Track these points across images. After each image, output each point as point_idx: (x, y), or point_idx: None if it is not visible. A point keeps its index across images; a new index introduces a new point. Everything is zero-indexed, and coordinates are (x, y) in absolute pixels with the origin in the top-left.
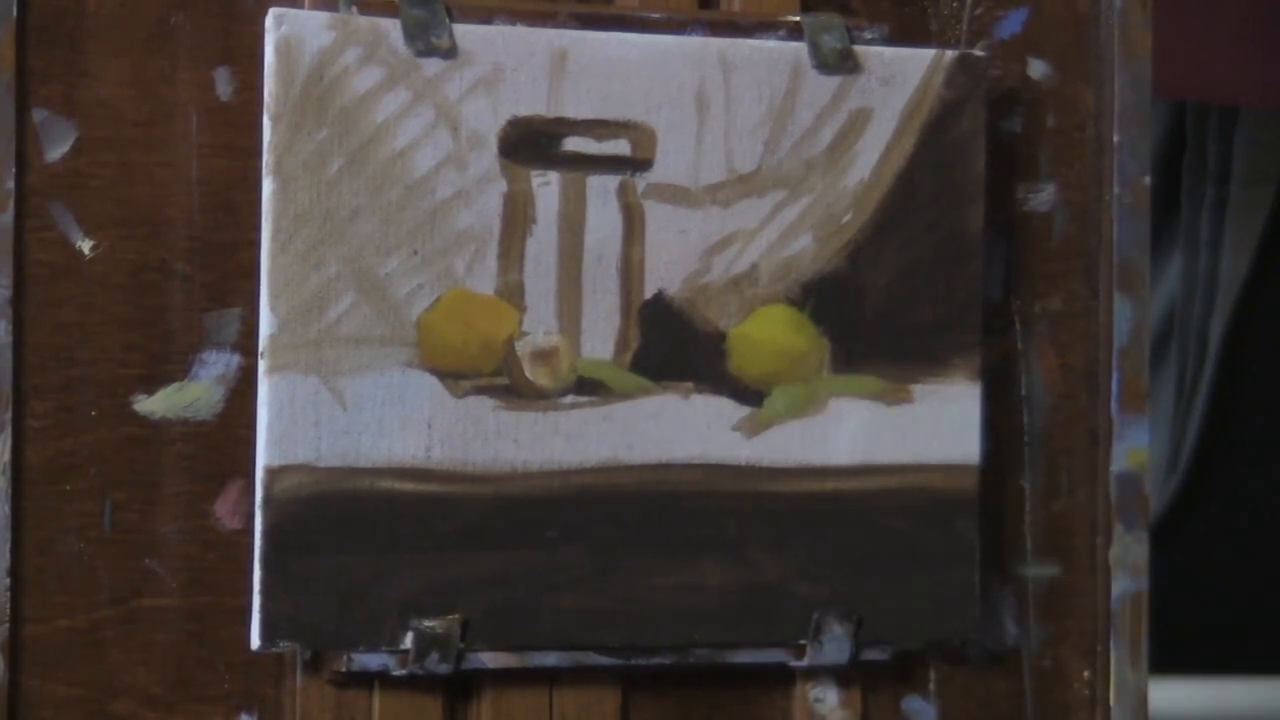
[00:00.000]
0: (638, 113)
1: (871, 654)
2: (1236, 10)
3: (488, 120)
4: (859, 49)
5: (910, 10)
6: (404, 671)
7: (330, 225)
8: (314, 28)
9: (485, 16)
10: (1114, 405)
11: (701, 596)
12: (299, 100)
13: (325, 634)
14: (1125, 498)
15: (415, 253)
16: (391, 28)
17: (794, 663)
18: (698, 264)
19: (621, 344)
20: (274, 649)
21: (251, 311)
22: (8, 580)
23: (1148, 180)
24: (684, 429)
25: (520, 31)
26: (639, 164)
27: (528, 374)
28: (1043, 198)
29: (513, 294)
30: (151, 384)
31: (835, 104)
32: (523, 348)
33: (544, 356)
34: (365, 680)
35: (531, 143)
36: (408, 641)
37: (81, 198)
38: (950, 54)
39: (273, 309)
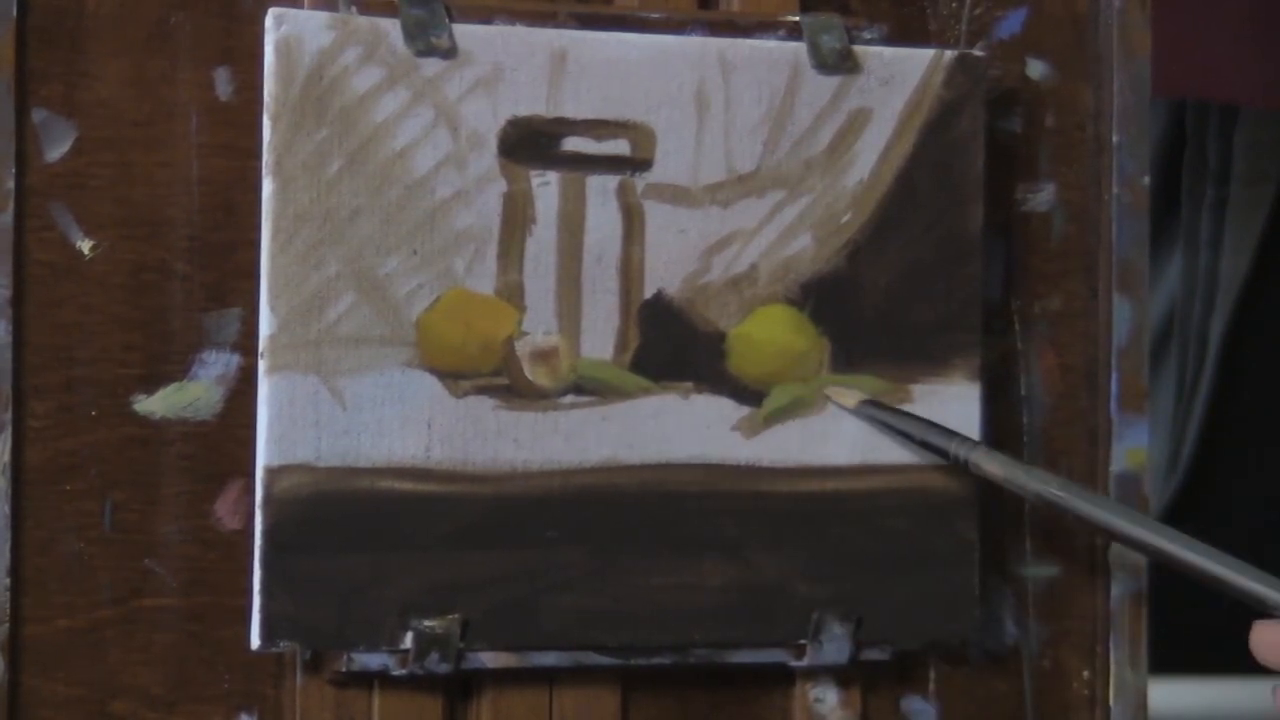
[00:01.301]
0: (637, 113)
1: (871, 654)
2: (1236, 10)
3: (487, 120)
4: (858, 49)
5: (909, 10)
6: (404, 671)
7: (330, 225)
8: (314, 28)
9: (485, 16)
10: (1113, 405)
11: (701, 596)
12: (299, 100)
13: (325, 634)
14: (1125, 498)
15: (415, 253)
16: (391, 28)
17: (794, 663)
18: (697, 264)
19: (621, 344)
20: (274, 649)
21: (251, 311)
22: (8, 580)
23: (1147, 180)
24: (684, 429)
25: (520, 31)
26: (638, 164)
27: (527, 374)
28: (1042, 198)
29: (512, 294)
30: (151, 384)
31: (834, 104)
32: (522, 348)
33: (544, 356)
34: (365, 680)
35: (531, 143)
36: (408, 641)
37: (81, 198)
38: (949, 54)
39: (273, 309)
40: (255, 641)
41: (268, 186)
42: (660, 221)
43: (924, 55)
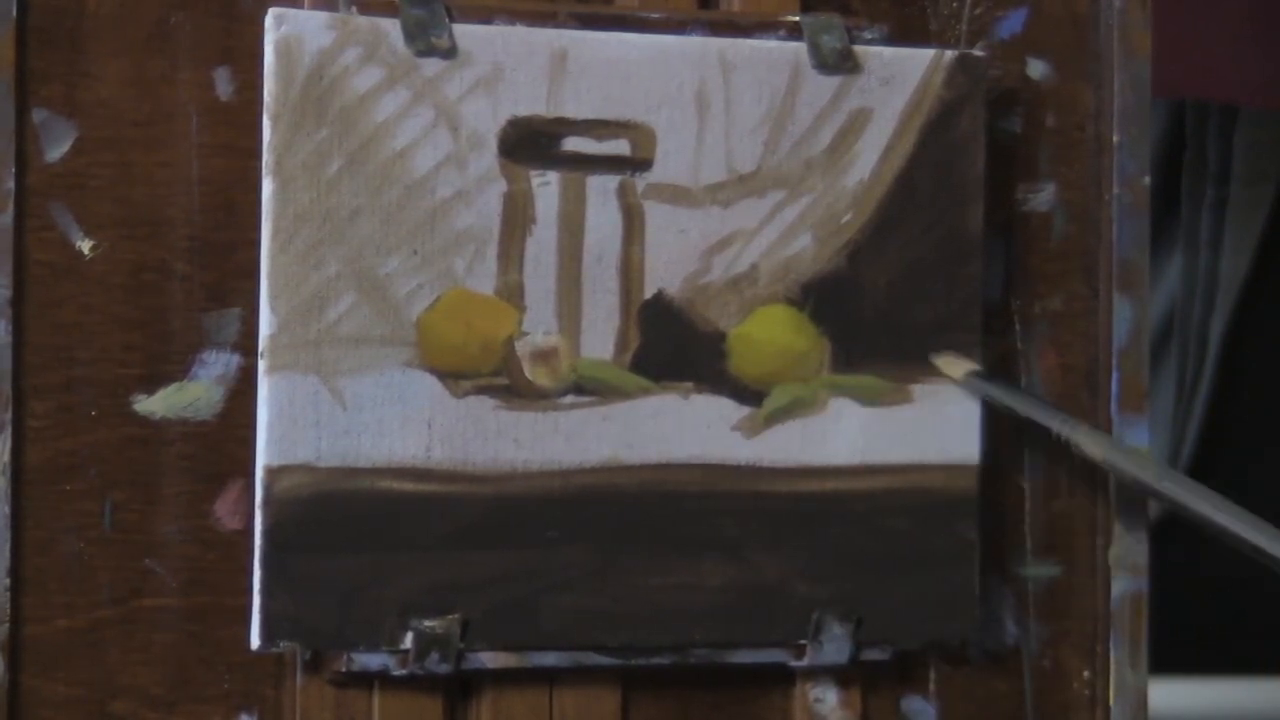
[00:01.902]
0: (638, 113)
1: (871, 654)
2: (1236, 10)
3: (487, 120)
4: (859, 49)
5: (910, 10)
6: (404, 671)
7: (330, 225)
8: (314, 28)
9: (485, 16)
10: (1114, 405)
11: (701, 596)
12: (299, 100)
13: (325, 634)
14: (1125, 498)
15: (415, 253)
16: (391, 28)
17: (794, 663)
18: (698, 264)
19: (621, 344)
20: (274, 649)
21: (251, 311)
22: (8, 580)
23: (1148, 180)
24: (684, 429)
25: (520, 31)
26: (639, 164)
27: (528, 374)
28: (1042, 197)
29: (513, 294)
30: (151, 384)
31: (835, 104)
32: (523, 348)
33: (544, 356)
34: (365, 680)
35: (531, 143)
36: (408, 641)
37: (81, 198)
38: (950, 54)
39: (273, 309)
40: (255, 641)
41: (268, 186)
42: (660, 221)
43: (924, 55)
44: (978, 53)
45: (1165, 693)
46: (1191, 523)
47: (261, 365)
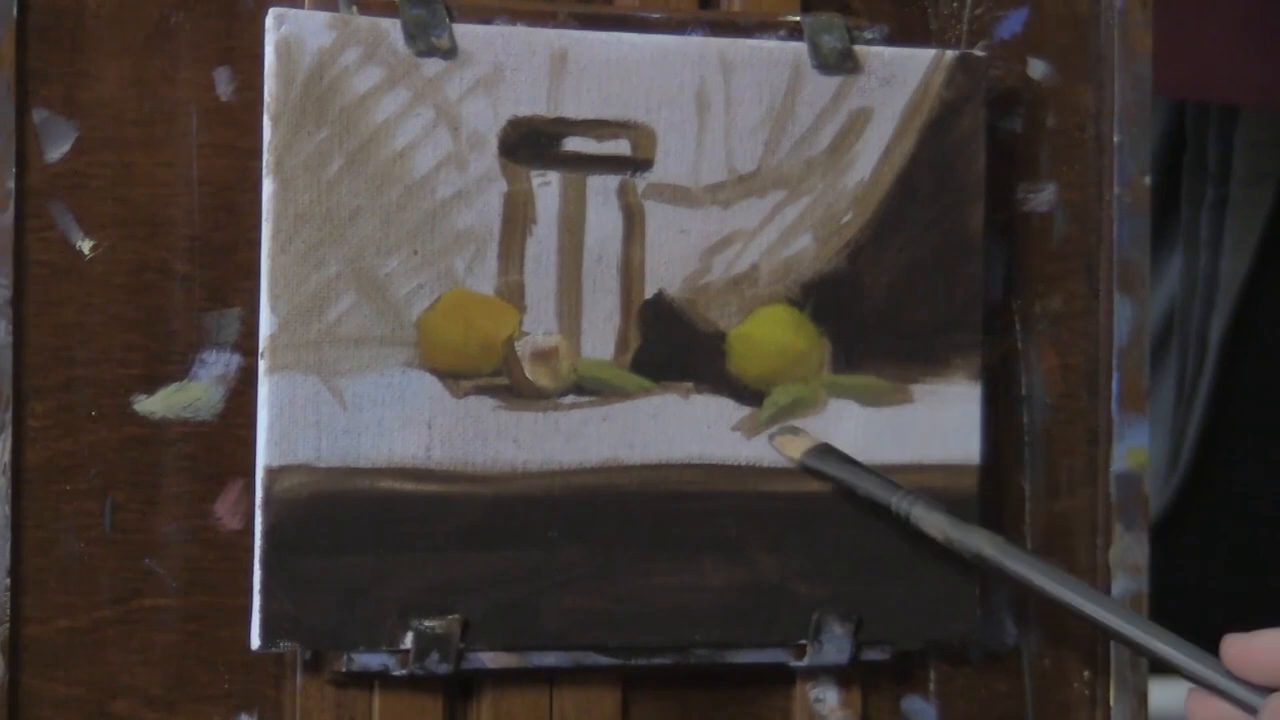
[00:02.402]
0: (638, 113)
1: (871, 654)
2: (1236, 10)
3: (488, 120)
4: (859, 49)
5: (910, 10)
6: (404, 671)
7: (330, 225)
8: (314, 28)
9: (485, 16)
10: (1114, 405)
11: (701, 596)
12: (299, 100)
13: (325, 634)
14: (1125, 498)
15: (415, 253)
16: (391, 28)
17: (794, 663)
18: (698, 264)
19: (621, 344)
20: (274, 649)
21: (251, 311)
22: (8, 580)
23: (1148, 180)
24: (684, 429)
25: (520, 31)
26: (639, 164)
27: (528, 374)
28: (1043, 197)
29: (513, 294)
30: (151, 384)
31: (835, 104)
32: (523, 348)
33: (544, 356)
34: (365, 680)
35: (531, 143)
36: (408, 641)
37: (81, 198)
38: (950, 54)
39: (273, 309)
40: (255, 641)
41: (268, 186)
42: (661, 221)
43: (925, 55)
44: (978, 53)
45: (1165, 693)
46: (1046, 602)
47: (262, 365)
